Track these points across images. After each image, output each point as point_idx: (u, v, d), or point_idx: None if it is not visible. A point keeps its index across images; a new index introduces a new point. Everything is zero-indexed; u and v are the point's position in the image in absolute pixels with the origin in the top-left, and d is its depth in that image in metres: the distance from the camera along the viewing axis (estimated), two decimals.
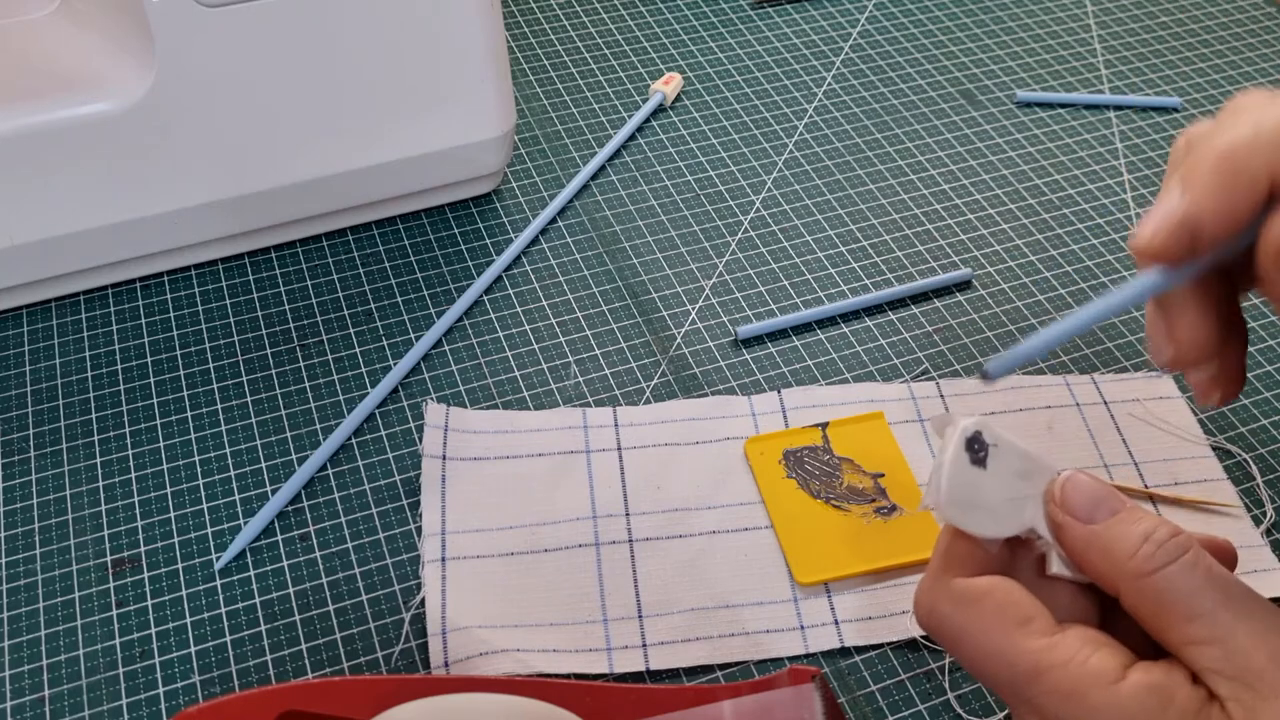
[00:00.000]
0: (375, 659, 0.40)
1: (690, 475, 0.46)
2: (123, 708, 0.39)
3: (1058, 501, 0.29)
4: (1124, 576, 0.28)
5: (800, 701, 0.34)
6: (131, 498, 0.45)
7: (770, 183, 0.59)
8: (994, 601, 0.28)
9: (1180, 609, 0.27)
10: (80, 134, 0.46)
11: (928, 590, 0.30)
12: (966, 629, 0.28)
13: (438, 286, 0.53)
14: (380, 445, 0.47)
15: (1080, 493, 0.29)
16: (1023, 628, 0.28)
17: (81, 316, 0.51)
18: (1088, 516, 0.29)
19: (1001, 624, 0.28)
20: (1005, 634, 0.28)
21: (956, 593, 0.29)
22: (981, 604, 0.28)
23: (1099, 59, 0.68)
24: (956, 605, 0.29)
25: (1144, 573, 0.27)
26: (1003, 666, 0.28)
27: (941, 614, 0.29)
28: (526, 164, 0.60)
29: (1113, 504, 0.29)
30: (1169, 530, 0.28)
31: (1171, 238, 0.26)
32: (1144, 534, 0.28)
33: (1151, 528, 0.28)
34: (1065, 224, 0.58)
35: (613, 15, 0.70)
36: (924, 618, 0.30)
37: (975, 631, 0.28)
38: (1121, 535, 0.28)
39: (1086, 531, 0.28)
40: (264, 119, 0.49)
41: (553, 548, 0.43)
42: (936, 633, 0.29)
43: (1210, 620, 0.27)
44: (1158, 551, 0.27)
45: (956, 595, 0.29)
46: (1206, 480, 0.46)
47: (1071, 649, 0.27)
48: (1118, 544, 0.28)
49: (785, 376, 0.50)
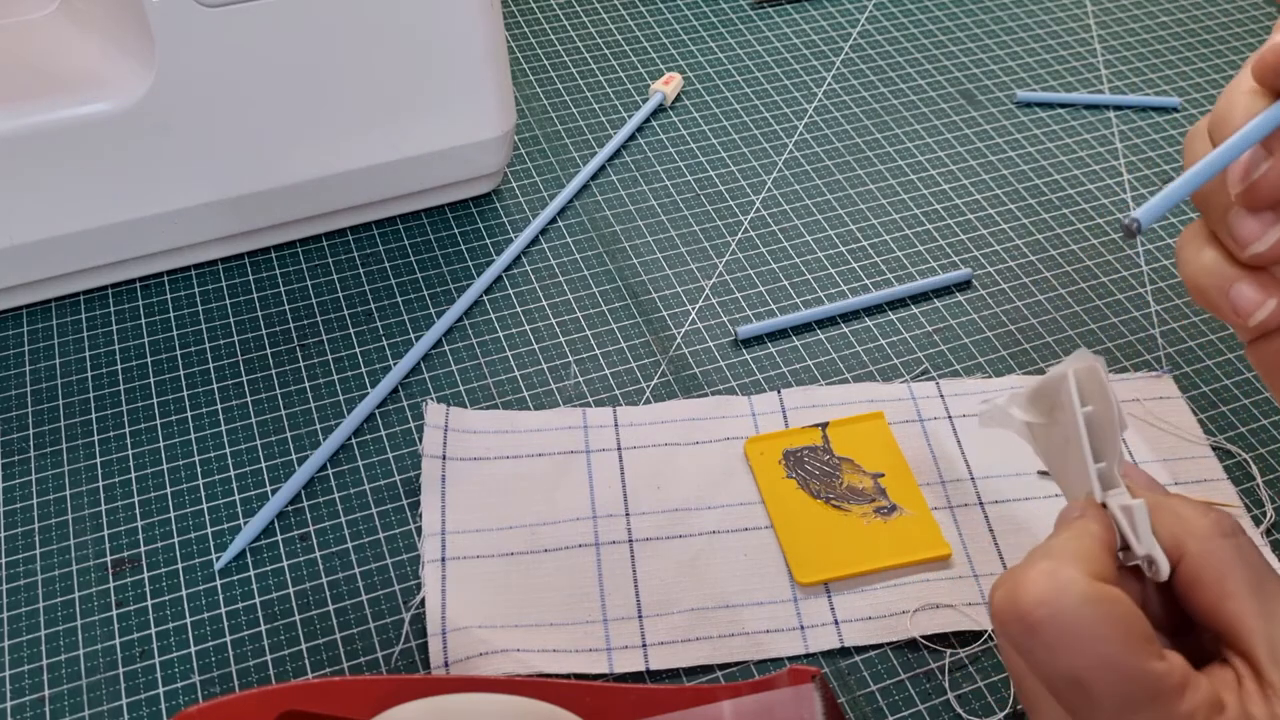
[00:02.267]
0: (375, 659, 0.40)
1: (690, 475, 0.46)
2: (123, 708, 0.39)
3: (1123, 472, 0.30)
4: (1194, 537, 0.28)
5: (800, 701, 0.34)
6: (131, 498, 0.45)
7: (770, 183, 0.59)
8: (1127, 609, 0.27)
9: (1244, 577, 0.27)
10: (80, 134, 0.46)
11: (1049, 575, 0.27)
12: (1098, 630, 0.26)
13: (438, 286, 0.53)
14: (380, 445, 0.47)
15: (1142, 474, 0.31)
16: (1149, 644, 0.27)
17: (81, 316, 0.51)
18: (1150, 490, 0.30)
19: (1132, 635, 0.27)
20: (1134, 646, 0.26)
21: (1091, 589, 0.27)
22: (1116, 607, 0.27)
23: (1099, 59, 0.68)
24: (1090, 601, 0.27)
25: (1215, 535, 0.28)
26: (1122, 680, 0.26)
27: (1068, 606, 0.27)
28: (526, 164, 0.60)
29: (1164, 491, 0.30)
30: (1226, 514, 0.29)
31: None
32: (1208, 508, 0.29)
33: (1213, 508, 0.29)
34: (1065, 224, 0.58)
35: (613, 15, 0.70)
36: (1036, 604, 0.27)
37: (1105, 634, 0.26)
38: (1191, 504, 0.29)
39: (1160, 495, 0.29)
40: (264, 119, 0.49)
41: (553, 548, 0.43)
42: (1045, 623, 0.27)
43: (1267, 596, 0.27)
44: (1225, 524, 0.28)
45: (1091, 592, 0.27)
46: (1206, 480, 0.46)
47: (1184, 674, 0.27)
48: (1188, 509, 0.29)
49: (785, 376, 0.50)
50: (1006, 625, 0.28)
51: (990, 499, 0.45)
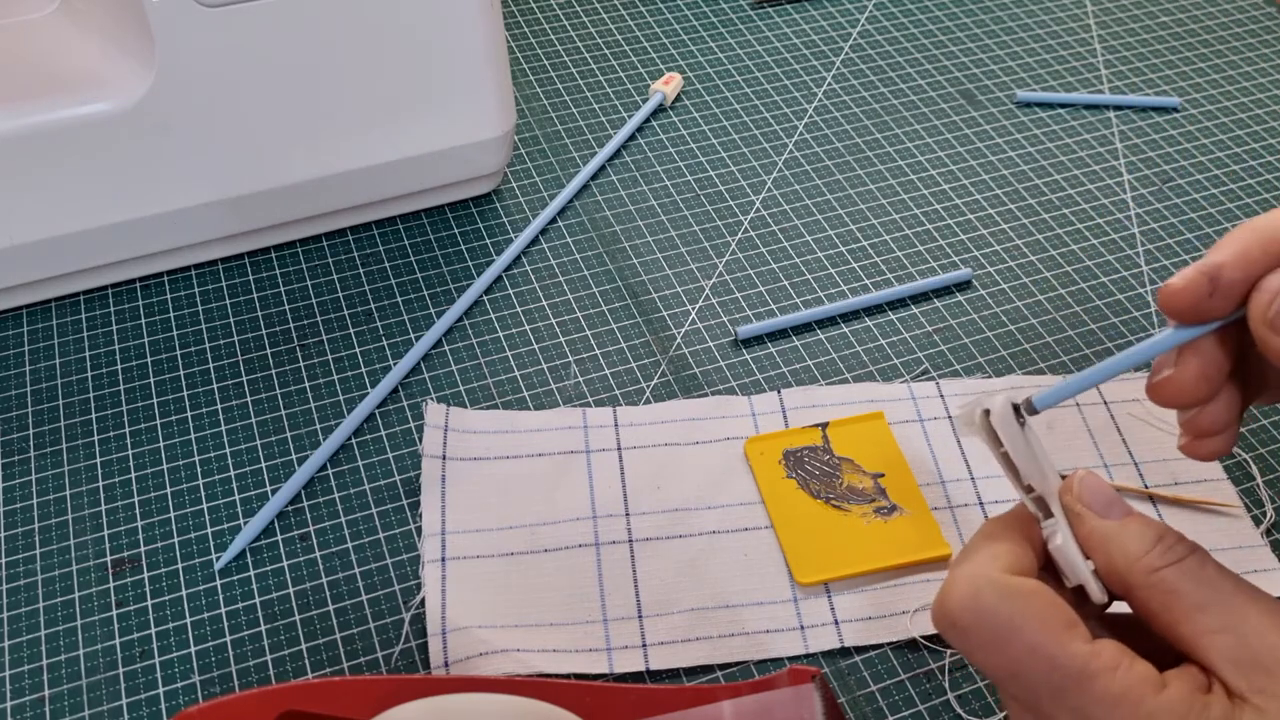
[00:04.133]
0: (375, 659, 0.40)
1: (690, 475, 0.46)
2: (123, 708, 0.39)
3: (1075, 494, 0.30)
4: (1137, 572, 0.28)
5: (800, 701, 0.34)
6: (131, 498, 0.45)
7: (770, 183, 0.59)
8: (1044, 599, 0.28)
9: (1193, 599, 0.28)
10: (80, 134, 0.46)
11: (971, 578, 0.29)
12: (1015, 622, 0.28)
13: (438, 286, 0.53)
14: (380, 445, 0.47)
15: (1096, 491, 0.30)
16: (1070, 629, 0.28)
17: (81, 316, 0.51)
18: (1103, 514, 0.30)
19: (1052, 622, 0.28)
20: (1054, 633, 0.27)
21: (1007, 585, 0.28)
22: (1031, 599, 0.28)
23: (1099, 59, 0.68)
24: (1005, 597, 0.28)
25: (1157, 568, 0.28)
26: (1049, 666, 0.27)
27: (986, 604, 0.28)
28: (526, 164, 0.60)
29: (1124, 507, 0.30)
30: (1177, 534, 0.29)
31: (1193, 282, 0.28)
32: (1157, 535, 0.29)
33: (1163, 530, 0.29)
34: (1065, 224, 0.58)
35: (613, 15, 0.70)
36: (960, 608, 0.28)
37: (1024, 626, 0.28)
38: (1137, 534, 0.29)
39: (1104, 525, 0.29)
40: (264, 119, 0.49)
41: (553, 548, 0.43)
42: (973, 626, 0.28)
43: (1223, 608, 0.27)
44: (1169, 551, 0.29)
45: (1006, 587, 0.28)
46: (1206, 480, 0.46)
47: (1115, 655, 0.27)
48: (1133, 542, 0.29)
49: (785, 376, 0.50)
50: (944, 634, 0.29)
51: (990, 499, 0.45)
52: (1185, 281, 0.28)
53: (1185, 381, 0.30)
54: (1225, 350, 0.29)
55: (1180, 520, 0.45)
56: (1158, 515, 0.45)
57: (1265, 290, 0.27)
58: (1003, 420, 0.31)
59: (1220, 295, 0.28)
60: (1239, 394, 0.31)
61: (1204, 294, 0.28)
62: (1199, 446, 0.31)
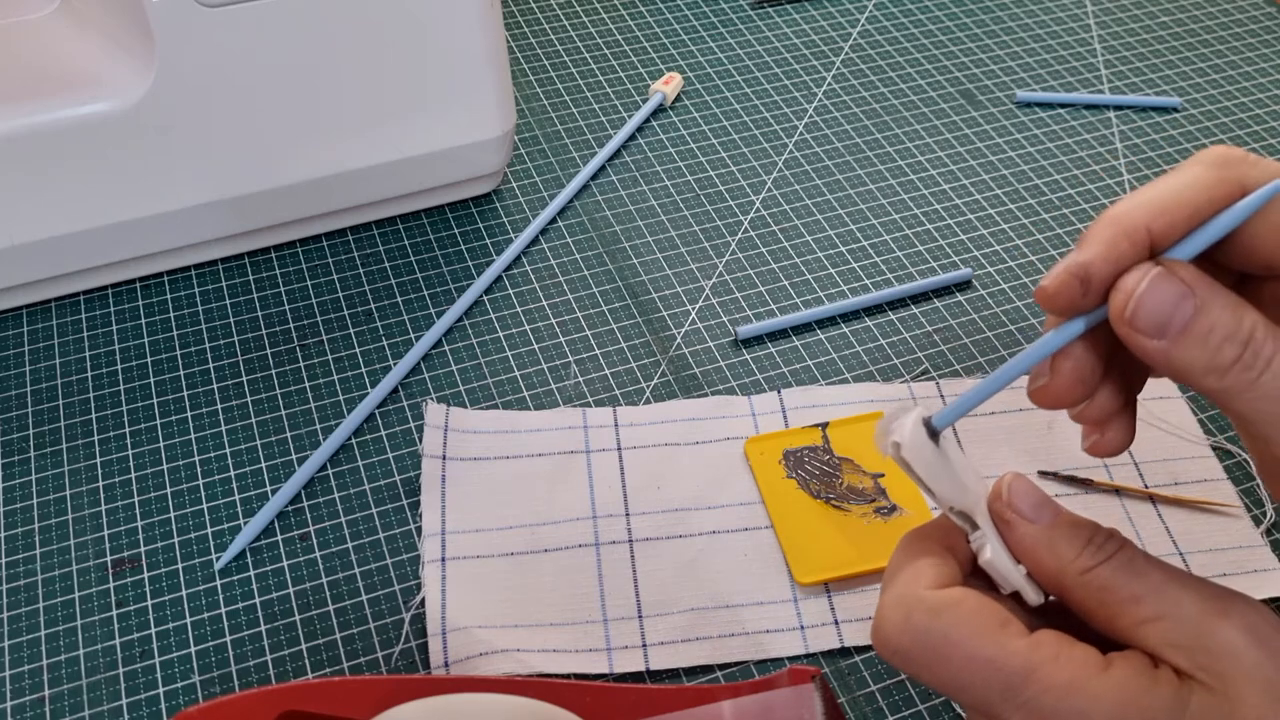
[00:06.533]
0: (375, 659, 0.40)
1: (690, 475, 0.46)
2: (123, 708, 0.39)
3: (1004, 500, 0.30)
4: (1069, 573, 0.29)
5: (800, 701, 0.34)
6: (131, 498, 0.45)
7: (770, 183, 0.59)
8: (971, 605, 0.28)
9: (1126, 592, 0.28)
10: (80, 134, 0.46)
11: (896, 603, 0.29)
12: (949, 635, 0.28)
13: (438, 286, 0.53)
14: (380, 445, 0.47)
15: (1025, 495, 0.30)
16: (1004, 628, 0.28)
17: (81, 316, 0.51)
18: (1033, 518, 0.30)
19: (985, 626, 0.28)
20: (990, 635, 0.27)
21: (934, 601, 0.28)
22: (959, 609, 0.28)
23: (1099, 59, 0.68)
24: (934, 613, 0.28)
25: (1089, 568, 0.28)
26: (991, 670, 0.27)
27: (918, 625, 0.28)
28: (526, 164, 0.60)
29: (1053, 508, 0.30)
30: (1106, 531, 0.29)
31: (1065, 284, 0.28)
32: (1086, 537, 0.29)
33: (1092, 530, 0.29)
34: (1065, 224, 0.58)
35: (613, 15, 0.70)
36: (896, 633, 0.29)
37: (959, 637, 0.28)
38: (1067, 536, 0.29)
39: (1035, 529, 0.30)
40: (264, 119, 0.49)
41: (553, 548, 0.43)
42: (911, 648, 0.28)
43: (1157, 597, 0.28)
44: (1099, 550, 0.29)
45: (934, 604, 0.28)
46: (1206, 480, 0.46)
47: (1054, 644, 0.27)
48: (1063, 544, 0.29)
49: (785, 376, 0.50)
50: (889, 661, 0.29)
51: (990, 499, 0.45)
52: (1058, 284, 0.28)
53: (1060, 387, 0.30)
54: (1095, 349, 0.30)
55: (1180, 520, 0.45)
56: (1158, 515, 0.45)
57: (1121, 290, 0.27)
58: (914, 447, 0.30)
59: (1094, 294, 0.28)
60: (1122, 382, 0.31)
61: (1078, 295, 0.28)
62: (1100, 445, 0.31)
